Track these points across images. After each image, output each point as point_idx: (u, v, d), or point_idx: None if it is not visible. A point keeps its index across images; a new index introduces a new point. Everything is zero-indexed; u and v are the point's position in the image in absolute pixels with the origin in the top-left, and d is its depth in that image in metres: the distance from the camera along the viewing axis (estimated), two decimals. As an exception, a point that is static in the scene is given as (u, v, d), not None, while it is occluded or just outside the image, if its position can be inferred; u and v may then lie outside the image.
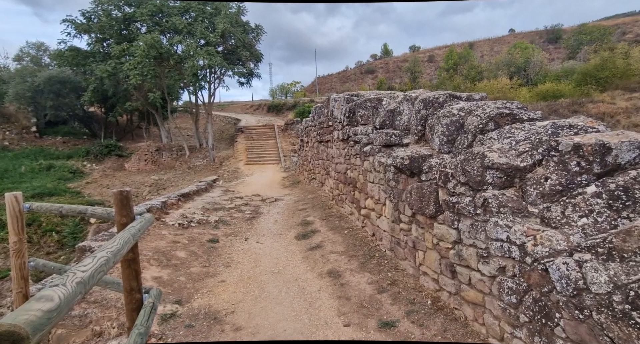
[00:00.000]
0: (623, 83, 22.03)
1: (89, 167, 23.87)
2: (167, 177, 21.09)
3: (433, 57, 51.01)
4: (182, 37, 18.47)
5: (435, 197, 3.44)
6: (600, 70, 22.46)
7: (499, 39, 53.80)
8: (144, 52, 17.46)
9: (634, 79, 21.89)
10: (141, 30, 20.81)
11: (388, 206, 4.62)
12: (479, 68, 33.20)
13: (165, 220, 6.14)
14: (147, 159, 23.84)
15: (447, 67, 38.63)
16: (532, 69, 30.58)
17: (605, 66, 22.26)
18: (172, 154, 23.79)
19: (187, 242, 5.36)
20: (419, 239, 3.81)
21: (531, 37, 49.20)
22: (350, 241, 5.22)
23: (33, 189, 19.21)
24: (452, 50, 41.98)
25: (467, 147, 3.42)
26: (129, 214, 2.35)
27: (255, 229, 6.56)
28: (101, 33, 20.76)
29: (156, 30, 19.53)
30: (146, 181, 21.32)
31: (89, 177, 22.46)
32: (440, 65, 42.79)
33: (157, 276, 4.09)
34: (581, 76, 23.17)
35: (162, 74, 20.67)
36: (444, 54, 46.18)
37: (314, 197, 8.36)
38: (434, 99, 4.15)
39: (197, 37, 18.48)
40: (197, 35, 18.31)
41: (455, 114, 3.66)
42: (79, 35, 20.73)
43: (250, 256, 5.18)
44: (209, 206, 7.98)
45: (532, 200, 2.62)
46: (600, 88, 21.56)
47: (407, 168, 3.86)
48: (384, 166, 4.72)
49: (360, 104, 5.92)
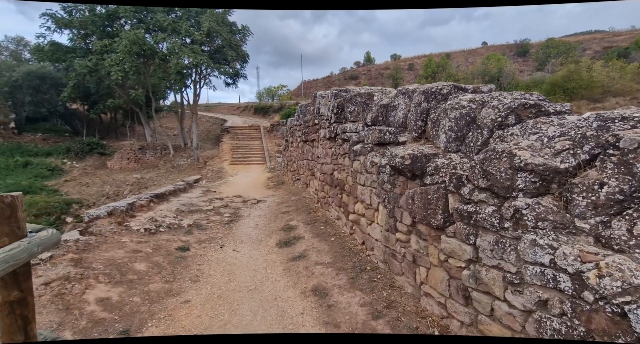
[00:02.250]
0: (587, 93, 22.42)
1: (69, 165, 22.18)
2: (149, 176, 19.74)
3: (413, 65, 51.15)
4: (167, 34, 17.25)
5: (444, 204, 2.69)
6: (567, 81, 22.77)
7: (473, 51, 54.48)
8: (126, 48, 16.15)
9: (597, 90, 22.30)
10: (125, 27, 19.42)
11: (381, 212, 3.86)
12: (456, 76, 33.25)
13: (130, 225, 5.16)
14: (130, 158, 22.36)
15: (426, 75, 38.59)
16: (505, 79, 30.81)
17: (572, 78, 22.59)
18: (156, 153, 22.40)
19: (151, 251, 4.42)
20: (421, 253, 3.06)
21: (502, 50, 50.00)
22: (338, 250, 4.42)
23: (6, 186, 17.54)
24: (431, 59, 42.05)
25: (481, 145, 2.69)
26: (14, 231, 1.46)
27: (233, 235, 5.68)
28: (83, 28, 19.21)
29: (140, 27, 18.22)
30: (128, 180, 19.92)
31: (68, 175, 20.82)
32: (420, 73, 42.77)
33: (103, 298, 3.17)
34: (550, 86, 23.42)
35: (146, 72, 19.33)
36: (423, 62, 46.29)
37: (298, 200, 7.53)
38: (437, 90, 3.41)
39: (182, 35, 17.31)
40: (182, 33, 17.14)
41: (465, 106, 2.93)
42: (59, 29, 19.10)
43: (224, 267, 4.31)
44: (184, 208, 7.02)
45: (580, 212, 1.90)
46: (567, 98, 21.76)
47: (407, 169, 3.10)
48: (378, 166, 3.95)
49: (349, 100, 5.15)
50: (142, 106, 22.26)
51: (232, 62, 19.31)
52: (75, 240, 4.08)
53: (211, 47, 18.94)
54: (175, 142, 23.76)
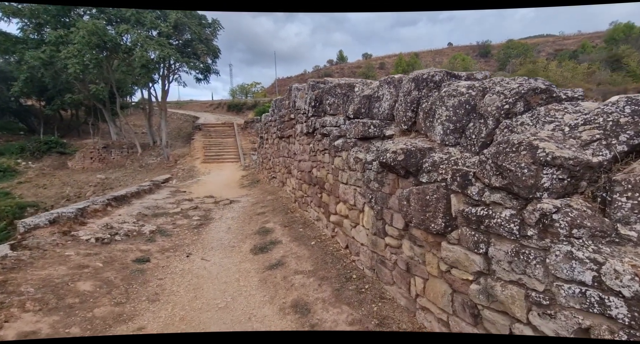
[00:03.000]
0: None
1: (23, 166, 20.05)
2: (115, 176, 18.24)
3: (384, 64, 51.52)
4: (130, 26, 15.83)
5: (445, 206, 2.26)
6: (528, 80, 23.61)
7: (440, 51, 55.76)
8: (84, 40, 14.62)
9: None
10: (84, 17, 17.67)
11: (367, 213, 3.39)
12: (426, 75, 33.63)
13: (78, 234, 4.36)
14: (94, 157, 20.61)
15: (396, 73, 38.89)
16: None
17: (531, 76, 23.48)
18: (122, 151, 20.77)
19: (101, 265, 3.69)
20: (416, 262, 2.62)
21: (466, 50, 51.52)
22: (320, 255, 3.92)
23: (-54, 190, 15.52)
24: (401, 59, 42.51)
25: (486, 136, 2.28)
26: None
27: (202, 241, 5.01)
28: (35, 18, 17.26)
29: (101, 18, 16.63)
30: (91, 181, 18.30)
31: (22, 176, 18.80)
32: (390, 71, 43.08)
33: (28, 332, 2.46)
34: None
35: (109, 65, 17.73)
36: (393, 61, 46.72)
37: (274, 199, 6.94)
38: (428, 77, 2.97)
39: (147, 27, 15.96)
40: (147, 24, 15.79)
41: (464, 93, 2.51)
42: (6, 18, 17.03)
43: (190, 281, 3.68)
44: (148, 211, 6.22)
45: (624, 216, 1.51)
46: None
47: (400, 166, 2.64)
48: (363, 163, 3.48)
49: (328, 91, 4.63)
50: (105, 102, 20.52)
51: (203, 56, 18.14)
52: (2, 257, 3.28)
53: (179, 40, 17.68)
54: (143, 140, 22.18)
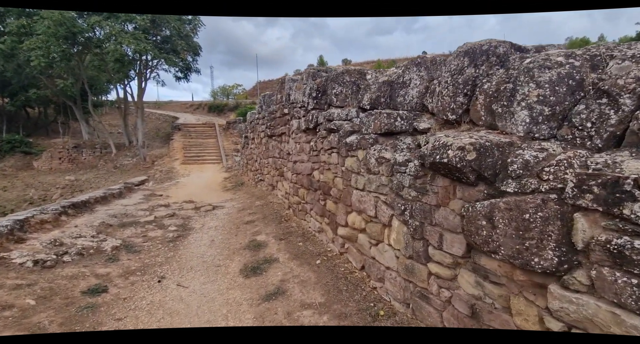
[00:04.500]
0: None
1: (-19, 167, 17.64)
2: (86, 177, 16.37)
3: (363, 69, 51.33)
4: (103, 18, 14.16)
5: (561, 231, 1.40)
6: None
7: (415, 59, 56.44)
8: (49, 30, 12.85)
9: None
10: (52, 8, 15.72)
11: (398, 229, 2.50)
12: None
13: (10, 255, 3.16)
14: (63, 157, 18.51)
15: (376, 78, 38.63)
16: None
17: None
18: (94, 152, 18.81)
19: (33, 303, 2.55)
20: (490, 306, 1.76)
21: (439, 60, 52.41)
22: (330, 280, 2.99)
23: None
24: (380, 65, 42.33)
25: (616, 124, 1.44)
26: None
27: (179, 258, 3.93)
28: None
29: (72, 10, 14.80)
30: (59, 182, 16.32)
31: (-21, 178, 16.47)
32: (370, 77, 42.77)
33: None
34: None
35: (80, 60, 15.87)
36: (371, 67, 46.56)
37: (263, 205, 5.92)
38: (490, 48, 2.13)
39: (122, 20, 14.35)
40: (122, 16, 14.20)
41: (563, 64, 1.68)
42: (-39, 4, 14.80)
43: (161, 320, 2.62)
44: (113, 220, 5.02)
45: None
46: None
47: (470, 168, 1.76)
48: (391, 164, 2.58)
49: (334, 79, 3.71)
50: (76, 100, 18.49)
51: (183, 53, 16.68)
52: None
53: (158, 35, 16.14)
54: (119, 140, 20.25)
